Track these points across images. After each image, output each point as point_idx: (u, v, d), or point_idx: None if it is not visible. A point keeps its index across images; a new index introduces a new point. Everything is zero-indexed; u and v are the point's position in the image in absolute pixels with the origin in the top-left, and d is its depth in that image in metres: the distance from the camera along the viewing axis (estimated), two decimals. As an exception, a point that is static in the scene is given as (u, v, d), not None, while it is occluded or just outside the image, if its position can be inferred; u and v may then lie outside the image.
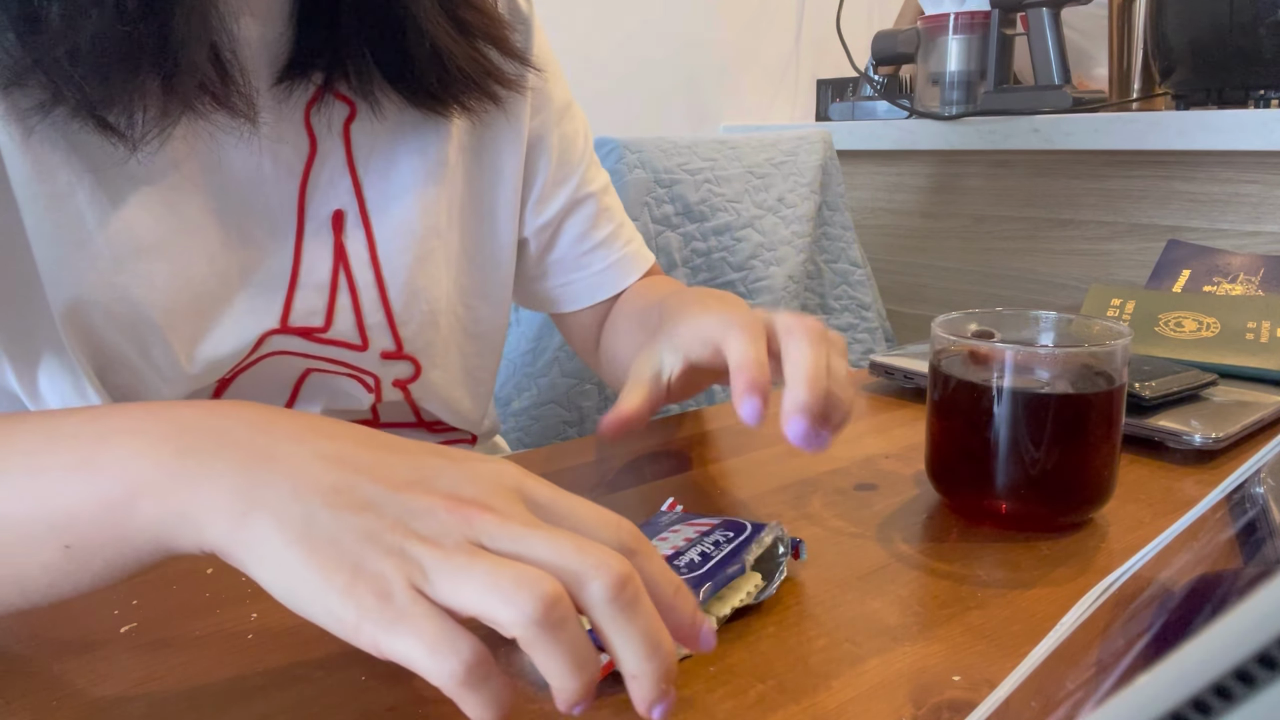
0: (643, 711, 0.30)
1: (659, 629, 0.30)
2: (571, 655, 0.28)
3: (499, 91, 0.62)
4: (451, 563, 0.29)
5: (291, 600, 0.29)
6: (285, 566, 0.29)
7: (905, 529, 0.48)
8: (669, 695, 0.30)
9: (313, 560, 0.29)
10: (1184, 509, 0.49)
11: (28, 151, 0.47)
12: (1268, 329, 0.75)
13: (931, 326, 0.50)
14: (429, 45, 0.56)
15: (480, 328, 0.69)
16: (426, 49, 0.56)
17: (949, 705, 0.33)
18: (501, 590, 0.28)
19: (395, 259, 0.60)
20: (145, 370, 0.54)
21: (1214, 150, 1.22)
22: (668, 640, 0.30)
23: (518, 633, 0.28)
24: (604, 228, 0.73)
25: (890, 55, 1.59)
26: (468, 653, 0.28)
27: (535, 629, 0.28)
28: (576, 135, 0.72)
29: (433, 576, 0.29)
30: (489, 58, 0.61)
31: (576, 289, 0.73)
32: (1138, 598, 0.26)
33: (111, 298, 0.51)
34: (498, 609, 0.28)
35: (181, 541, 0.31)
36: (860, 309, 1.42)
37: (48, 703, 0.34)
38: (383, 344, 0.61)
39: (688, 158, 1.25)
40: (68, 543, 0.32)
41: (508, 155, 0.66)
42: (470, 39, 0.60)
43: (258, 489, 0.30)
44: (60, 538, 0.32)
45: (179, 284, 0.53)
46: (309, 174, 0.57)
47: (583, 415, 1.14)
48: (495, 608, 0.28)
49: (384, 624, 0.28)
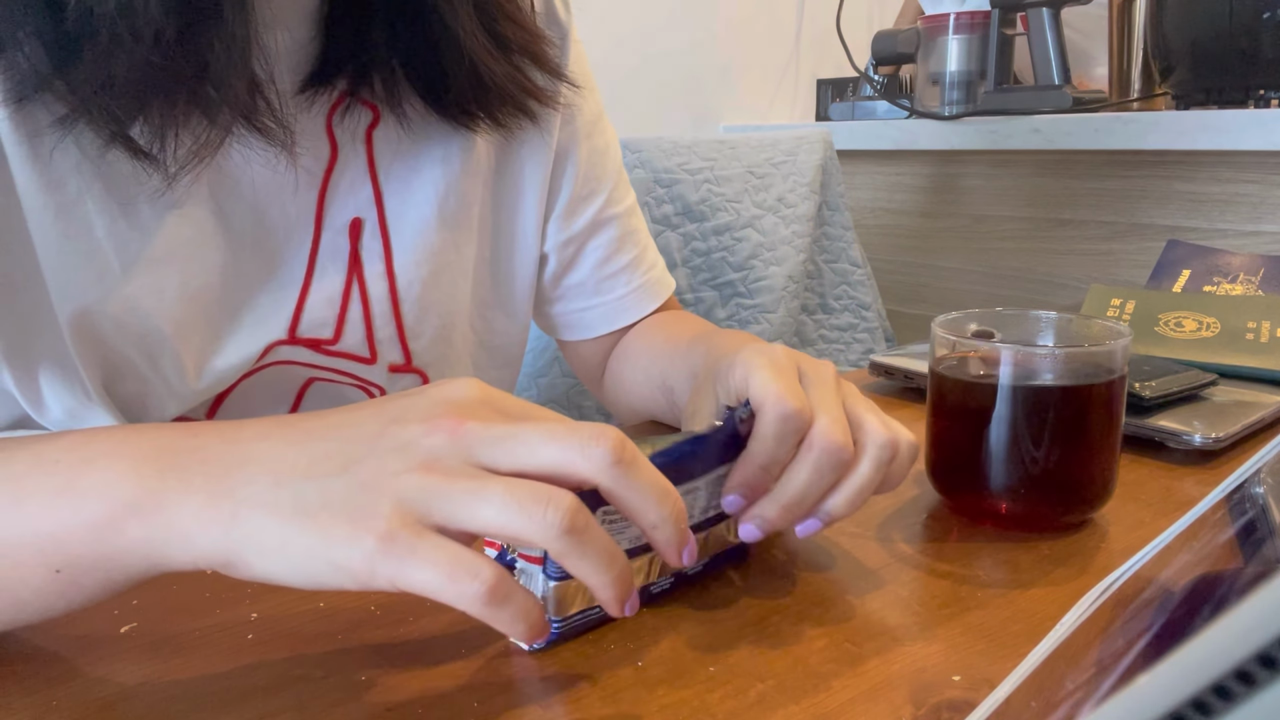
0: (672, 560, 0.34)
1: (662, 480, 0.33)
2: (603, 553, 0.31)
3: (534, 107, 0.60)
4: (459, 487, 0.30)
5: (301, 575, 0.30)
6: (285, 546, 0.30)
7: (905, 529, 0.48)
8: (689, 537, 0.34)
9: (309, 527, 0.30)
10: (1184, 509, 0.49)
11: (36, 159, 0.46)
12: (1268, 329, 0.75)
13: (931, 326, 0.50)
14: (467, 62, 0.54)
15: (497, 340, 0.67)
16: (465, 65, 0.54)
17: (949, 705, 0.33)
18: (523, 507, 0.29)
19: (411, 271, 0.59)
20: (153, 380, 0.53)
21: (1214, 150, 1.22)
22: (672, 490, 0.33)
23: (549, 545, 0.30)
24: (628, 251, 0.70)
25: (890, 55, 1.59)
26: (487, 572, 0.29)
27: (566, 539, 0.30)
28: (606, 150, 0.70)
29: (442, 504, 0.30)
30: (526, 74, 0.59)
31: (591, 316, 0.70)
32: (1138, 598, 0.26)
33: (120, 309, 0.50)
34: (523, 526, 0.30)
35: (174, 558, 0.31)
36: (860, 309, 1.42)
37: (48, 702, 0.34)
38: (391, 357, 0.61)
39: (688, 158, 1.25)
40: (58, 567, 0.32)
41: (533, 166, 0.64)
42: (508, 54, 0.57)
43: (239, 490, 0.31)
44: (50, 561, 0.32)
45: (189, 294, 0.52)
46: (328, 181, 0.56)
47: (583, 415, 1.14)
48: (520, 526, 0.30)
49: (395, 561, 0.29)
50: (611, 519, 0.36)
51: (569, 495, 0.30)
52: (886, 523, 0.49)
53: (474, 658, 0.36)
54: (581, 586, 0.37)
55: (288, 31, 0.52)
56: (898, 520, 0.49)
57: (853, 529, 0.48)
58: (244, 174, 0.53)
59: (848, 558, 0.45)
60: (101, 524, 0.32)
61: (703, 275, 1.26)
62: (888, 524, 0.49)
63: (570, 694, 0.34)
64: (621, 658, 0.36)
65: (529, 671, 0.36)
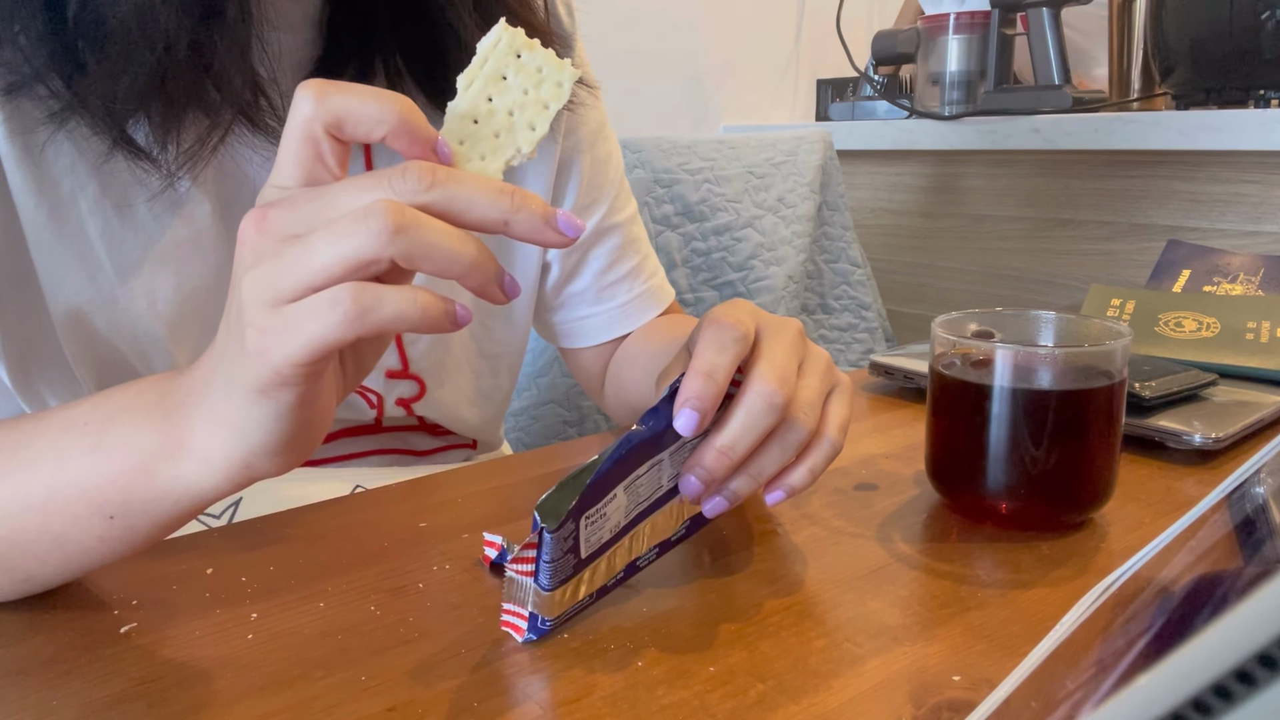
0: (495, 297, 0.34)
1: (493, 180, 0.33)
2: (449, 237, 0.31)
3: None
4: (285, 257, 0.31)
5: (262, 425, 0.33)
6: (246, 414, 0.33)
7: (905, 529, 0.48)
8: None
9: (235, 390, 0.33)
10: (1184, 509, 0.49)
11: (27, 158, 0.46)
12: (1268, 329, 0.75)
13: (931, 326, 0.50)
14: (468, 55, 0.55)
15: (497, 348, 0.67)
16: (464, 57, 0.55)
17: (949, 705, 0.33)
18: (346, 230, 0.30)
19: None
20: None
21: (1214, 150, 1.22)
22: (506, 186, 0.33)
23: (393, 252, 0.30)
24: (629, 260, 0.70)
25: (890, 55, 1.59)
26: (342, 293, 0.30)
27: (400, 236, 0.30)
28: (609, 159, 0.70)
29: (280, 278, 0.31)
30: None
31: (592, 324, 0.70)
32: (1138, 598, 0.26)
33: (113, 310, 0.50)
34: (357, 247, 0.30)
35: (207, 483, 0.35)
36: (860, 309, 1.42)
37: (48, 702, 0.34)
38: (388, 362, 0.61)
39: (688, 158, 1.25)
40: (110, 514, 0.37)
41: (536, 174, 0.65)
42: None
43: (215, 403, 0.34)
44: (103, 510, 0.37)
45: (185, 296, 0.52)
46: None
47: (582, 415, 1.14)
48: (354, 248, 0.30)
49: (280, 346, 0.31)
50: (592, 520, 0.36)
51: (382, 199, 0.31)
52: (886, 523, 0.49)
53: (474, 658, 0.36)
54: (570, 588, 0.37)
55: (290, 32, 0.52)
56: (898, 520, 0.49)
57: (853, 529, 0.48)
58: (244, 175, 0.53)
59: (848, 558, 0.45)
60: (134, 472, 0.36)
61: (703, 275, 1.26)
62: (888, 524, 0.49)
63: (570, 694, 0.34)
64: (621, 658, 0.36)
65: (529, 672, 0.36)
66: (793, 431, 0.40)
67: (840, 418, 0.42)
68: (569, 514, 0.35)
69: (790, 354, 0.41)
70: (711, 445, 0.39)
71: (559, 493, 0.34)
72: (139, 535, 0.38)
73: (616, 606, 0.40)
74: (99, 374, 0.52)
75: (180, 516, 0.37)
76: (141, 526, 0.37)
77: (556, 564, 0.36)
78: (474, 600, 0.41)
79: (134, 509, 0.36)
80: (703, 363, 0.38)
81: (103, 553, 0.38)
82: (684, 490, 0.40)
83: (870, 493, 0.53)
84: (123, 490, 0.36)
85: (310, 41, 0.54)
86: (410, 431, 0.67)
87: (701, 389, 0.37)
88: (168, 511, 0.37)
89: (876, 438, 0.62)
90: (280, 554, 0.45)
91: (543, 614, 0.37)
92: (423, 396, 0.63)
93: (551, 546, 0.35)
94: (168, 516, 0.37)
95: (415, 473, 0.58)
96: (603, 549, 0.38)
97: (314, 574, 0.43)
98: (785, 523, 0.49)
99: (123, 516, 0.37)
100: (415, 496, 0.53)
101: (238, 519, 0.53)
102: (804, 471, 0.41)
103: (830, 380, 0.43)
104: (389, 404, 0.63)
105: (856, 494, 0.53)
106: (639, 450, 0.37)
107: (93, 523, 0.37)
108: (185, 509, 0.37)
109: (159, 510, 0.37)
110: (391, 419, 0.65)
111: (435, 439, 0.69)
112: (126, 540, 0.38)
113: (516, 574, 0.37)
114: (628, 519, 0.39)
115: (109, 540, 0.38)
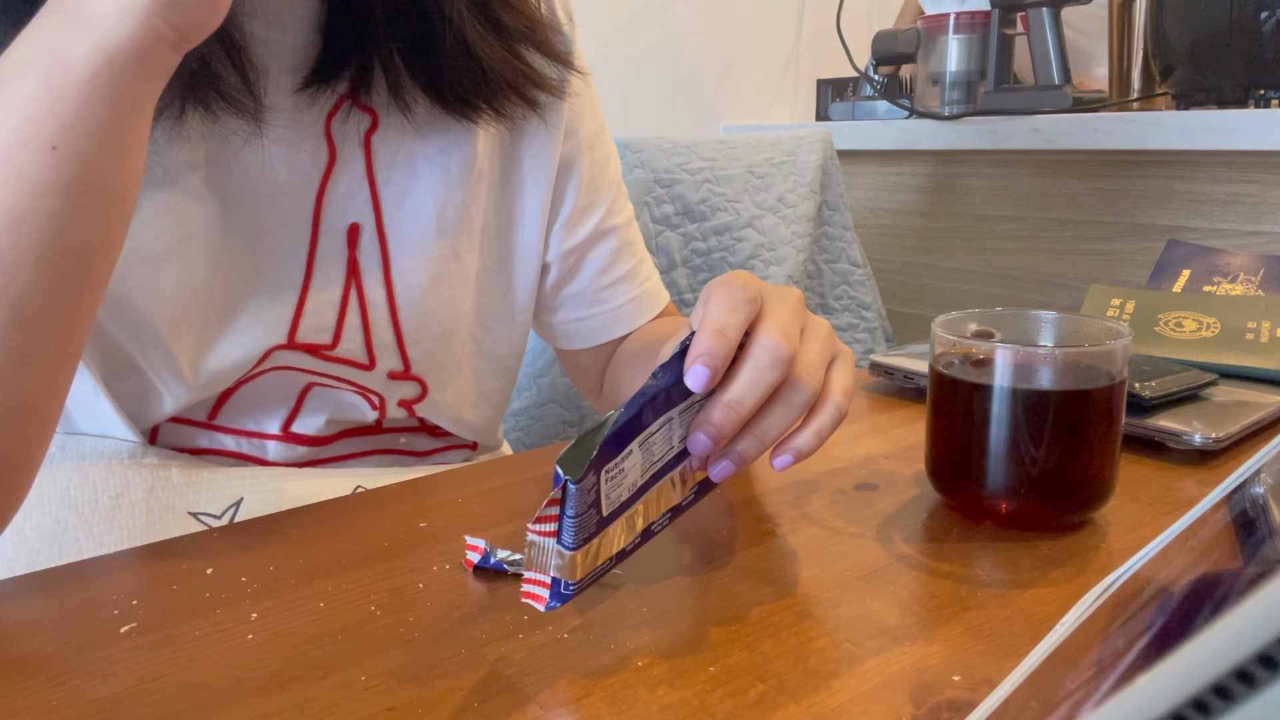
0: None
1: None
2: None
3: (538, 96, 0.60)
4: None
5: None
6: None
7: (905, 529, 0.48)
8: None
9: None
10: (1184, 509, 0.49)
11: None
12: (1268, 329, 0.75)
13: (931, 326, 0.50)
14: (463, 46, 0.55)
15: (498, 349, 0.67)
16: (460, 51, 0.55)
17: (949, 705, 0.33)
18: None
19: (409, 277, 0.59)
20: (150, 376, 0.53)
21: (1214, 150, 1.22)
22: None
23: None
24: (625, 263, 0.71)
25: (890, 55, 1.59)
26: None
27: None
28: (607, 162, 0.70)
29: None
30: (526, 60, 0.59)
31: (589, 326, 0.71)
32: (1137, 598, 0.26)
33: (115, 306, 0.50)
34: None
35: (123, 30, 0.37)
36: (860, 309, 1.42)
37: (48, 702, 0.34)
38: (390, 364, 0.61)
39: (688, 158, 1.25)
40: (52, 144, 0.37)
41: (536, 177, 0.65)
42: (507, 41, 0.58)
43: None
44: (37, 139, 0.37)
45: (185, 294, 0.52)
46: (326, 184, 0.56)
47: (582, 415, 1.14)
48: None
49: None
50: (611, 475, 0.36)
51: None
52: (886, 523, 0.49)
53: (474, 657, 0.36)
54: (592, 549, 0.37)
55: (290, 33, 0.53)
56: (898, 520, 0.49)
57: (853, 529, 0.48)
58: (242, 173, 0.53)
59: (848, 558, 0.45)
60: (51, 56, 0.37)
61: (703, 275, 1.26)
62: (888, 524, 0.49)
63: (570, 694, 0.34)
64: (621, 658, 0.36)
65: (529, 671, 0.36)
66: (797, 392, 0.40)
67: (844, 384, 0.42)
68: (590, 465, 0.34)
69: (793, 317, 0.41)
70: (719, 401, 0.39)
71: (578, 447, 0.34)
72: (93, 165, 0.38)
73: (616, 606, 0.40)
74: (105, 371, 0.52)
75: (122, 100, 0.38)
76: (91, 151, 0.38)
77: (580, 519, 0.35)
78: (474, 600, 0.41)
79: (68, 112, 0.37)
80: (714, 320, 0.38)
81: (66, 214, 0.38)
82: (692, 448, 0.40)
83: (870, 493, 0.53)
84: (49, 85, 0.37)
85: (309, 43, 0.54)
86: (411, 433, 0.68)
87: (713, 345, 0.37)
88: (105, 95, 0.37)
89: (876, 438, 0.62)
90: (280, 554, 0.45)
91: (565, 578, 0.36)
92: (424, 398, 0.63)
93: (576, 500, 0.34)
94: (111, 112, 0.38)
95: (415, 473, 0.58)
96: (622, 508, 0.38)
97: (314, 574, 0.43)
98: (785, 523, 0.49)
99: (62, 134, 0.37)
100: (415, 496, 0.53)
101: (238, 519, 0.53)
102: (810, 434, 0.41)
103: (832, 348, 0.43)
104: (390, 405, 0.63)
105: (856, 494, 0.53)
106: (653, 403, 0.38)
107: (39, 166, 0.37)
108: (121, 81, 0.38)
109: (97, 100, 0.37)
110: (393, 420, 0.65)
111: (435, 440, 0.69)
112: (84, 180, 0.38)
113: (537, 536, 0.36)
114: (644, 478, 0.39)
115: (65, 188, 0.38)
